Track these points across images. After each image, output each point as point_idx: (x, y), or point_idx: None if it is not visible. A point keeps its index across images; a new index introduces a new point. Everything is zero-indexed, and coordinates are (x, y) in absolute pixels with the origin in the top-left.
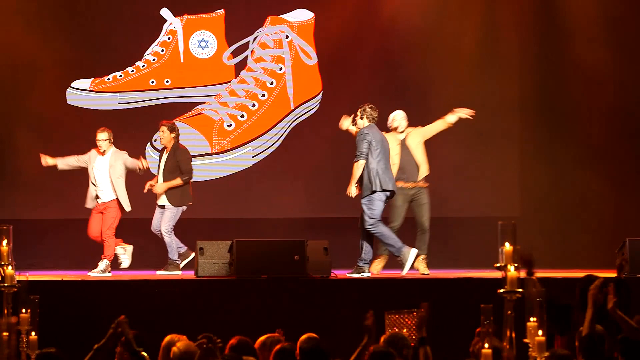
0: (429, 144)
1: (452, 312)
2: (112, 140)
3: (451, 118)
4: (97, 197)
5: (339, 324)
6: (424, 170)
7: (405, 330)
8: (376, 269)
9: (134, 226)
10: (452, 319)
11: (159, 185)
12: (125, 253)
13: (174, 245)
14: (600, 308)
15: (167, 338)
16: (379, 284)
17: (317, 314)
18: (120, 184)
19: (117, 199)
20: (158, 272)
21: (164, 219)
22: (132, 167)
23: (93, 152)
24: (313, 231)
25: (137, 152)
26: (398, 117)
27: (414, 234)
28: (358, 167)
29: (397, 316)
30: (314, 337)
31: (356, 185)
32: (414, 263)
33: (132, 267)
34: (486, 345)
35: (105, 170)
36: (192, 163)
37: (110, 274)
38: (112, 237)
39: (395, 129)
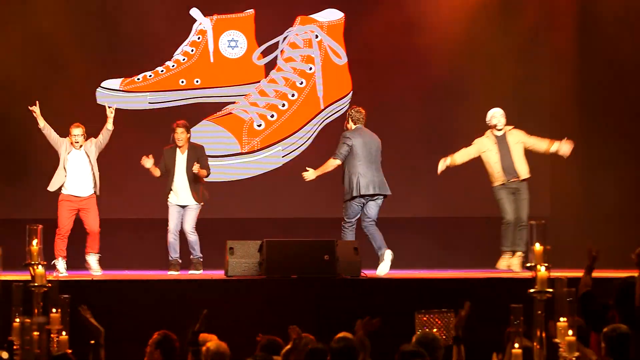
0: (460, 144)
1: (482, 312)
2: (86, 135)
3: (556, 147)
4: (64, 187)
5: None
6: (523, 169)
7: (435, 330)
8: (514, 264)
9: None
10: (482, 319)
11: (203, 171)
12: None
13: (198, 242)
14: (630, 308)
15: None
16: (408, 284)
17: (347, 314)
18: (96, 166)
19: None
20: (190, 272)
21: (189, 219)
22: (105, 139)
23: (67, 142)
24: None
25: None
26: (497, 115)
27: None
28: (330, 164)
29: (427, 316)
30: (346, 337)
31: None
32: (508, 261)
33: (153, 266)
34: (516, 345)
35: (84, 164)
36: (223, 162)
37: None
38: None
39: (494, 127)
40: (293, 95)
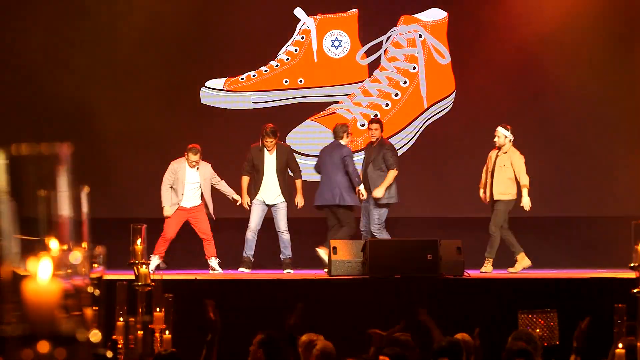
0: (565, 146)
1: (585, 313)
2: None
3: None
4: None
5: (473, 323)
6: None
7: (538, 330)
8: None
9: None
10: (584, 319)
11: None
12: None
13: (290, 242)
14: None
15: (304, 338)
16: (512, 284)
17: (450, 314)
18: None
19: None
20: (286, 271)
21: (281, 217)
22: (221, 186)
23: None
24: (446, 230)
25: None
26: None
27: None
28: (391, 177)
29: (530, 316)
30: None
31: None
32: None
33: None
34: (620, 345)
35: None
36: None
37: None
38: None
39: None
40: (396, 94)
